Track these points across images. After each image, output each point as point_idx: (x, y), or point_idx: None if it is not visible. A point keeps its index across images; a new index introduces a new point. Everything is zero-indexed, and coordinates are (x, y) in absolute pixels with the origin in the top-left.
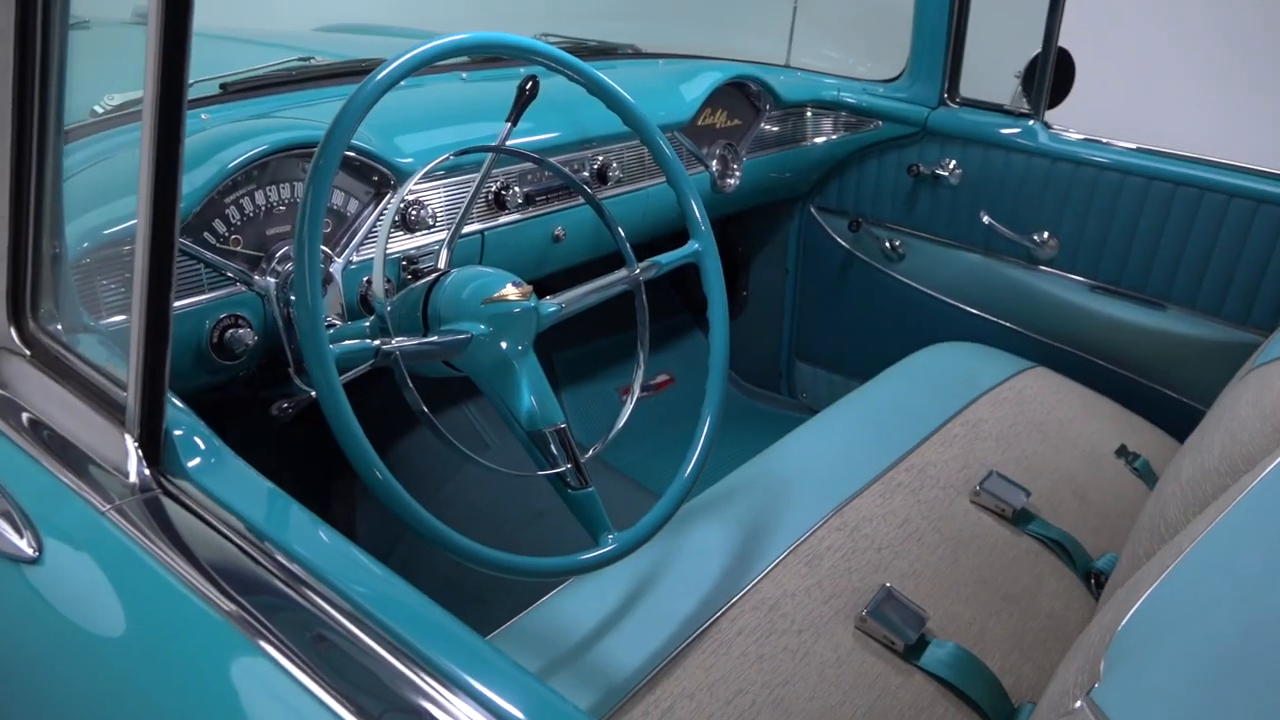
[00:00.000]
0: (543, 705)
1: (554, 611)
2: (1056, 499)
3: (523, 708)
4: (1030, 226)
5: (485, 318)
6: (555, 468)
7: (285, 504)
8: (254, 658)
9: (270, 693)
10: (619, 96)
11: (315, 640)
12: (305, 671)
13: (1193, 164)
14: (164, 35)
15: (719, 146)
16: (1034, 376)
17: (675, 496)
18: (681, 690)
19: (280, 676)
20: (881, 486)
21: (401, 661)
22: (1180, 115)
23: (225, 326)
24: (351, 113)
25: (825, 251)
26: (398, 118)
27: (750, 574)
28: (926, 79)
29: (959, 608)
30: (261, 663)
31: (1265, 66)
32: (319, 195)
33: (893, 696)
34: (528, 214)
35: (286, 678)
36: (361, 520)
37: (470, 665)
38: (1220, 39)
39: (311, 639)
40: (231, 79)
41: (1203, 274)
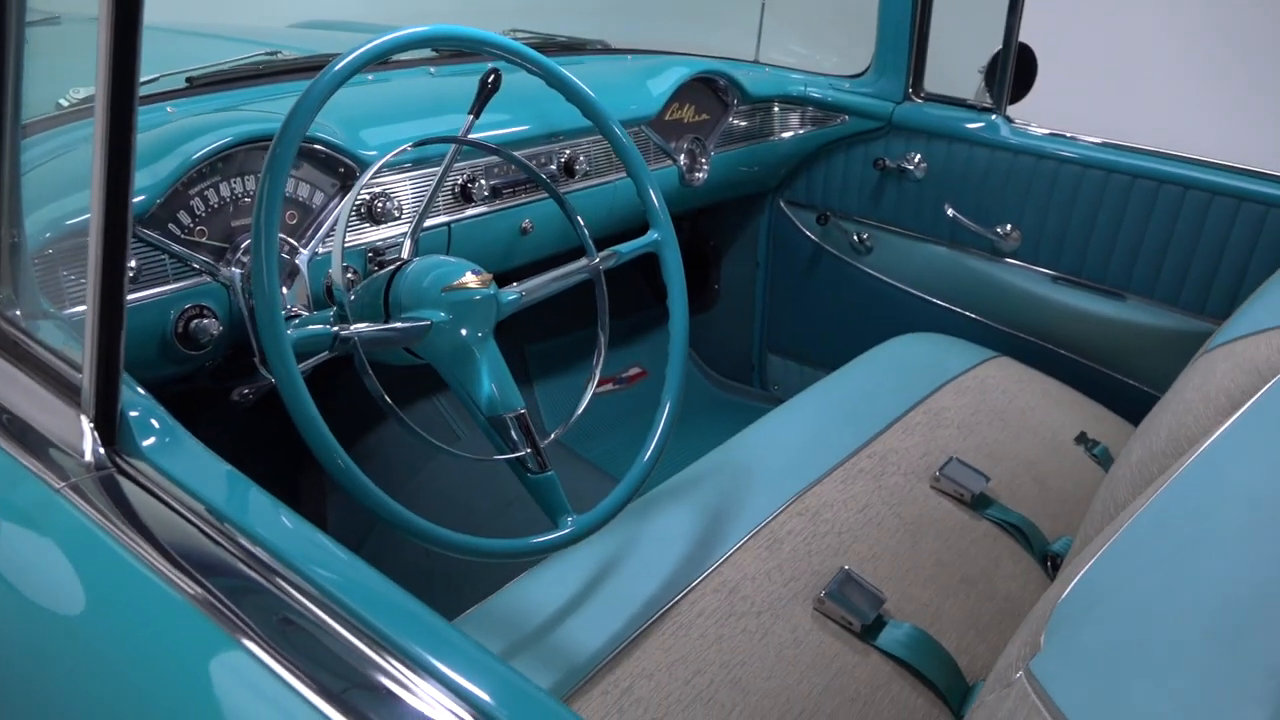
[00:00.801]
0: (505, 686)
1: (519, 595)
2: (1015, 484)
3: (485, 688)
4: (993, 219)
5: (445, 305)
6: (515, 452)
7: (245, 487)
8: (219, 640)
9: (236, 675)
10: (577, 88)
11: (282, 624)
12: (272, 655)
13: (1150, 157)
14: (114, 28)
15: (687, 141)
16: (997, 366)
17: (634, 481)
18: (641, 670)
19: (246, 659)
20: (843, 473)
21: (368, 645)
22: (1179, 114)
23: (190, 317)
24: (308, 104)
25: (795, 245)
26: (363, 111)
27: (711, 558)
28: (892, 74)
29: (916, 589)
30: (227, 645)
31: (1264, 66)
32: (275, 184)
33: (849, 675)
34: (495, 206)
35: (253, 661)
36: (332, 511)
37: (435, 648)
38: (1219, 38)
39: (278, 623)
40: (198, 73)
41: (1160, 265)
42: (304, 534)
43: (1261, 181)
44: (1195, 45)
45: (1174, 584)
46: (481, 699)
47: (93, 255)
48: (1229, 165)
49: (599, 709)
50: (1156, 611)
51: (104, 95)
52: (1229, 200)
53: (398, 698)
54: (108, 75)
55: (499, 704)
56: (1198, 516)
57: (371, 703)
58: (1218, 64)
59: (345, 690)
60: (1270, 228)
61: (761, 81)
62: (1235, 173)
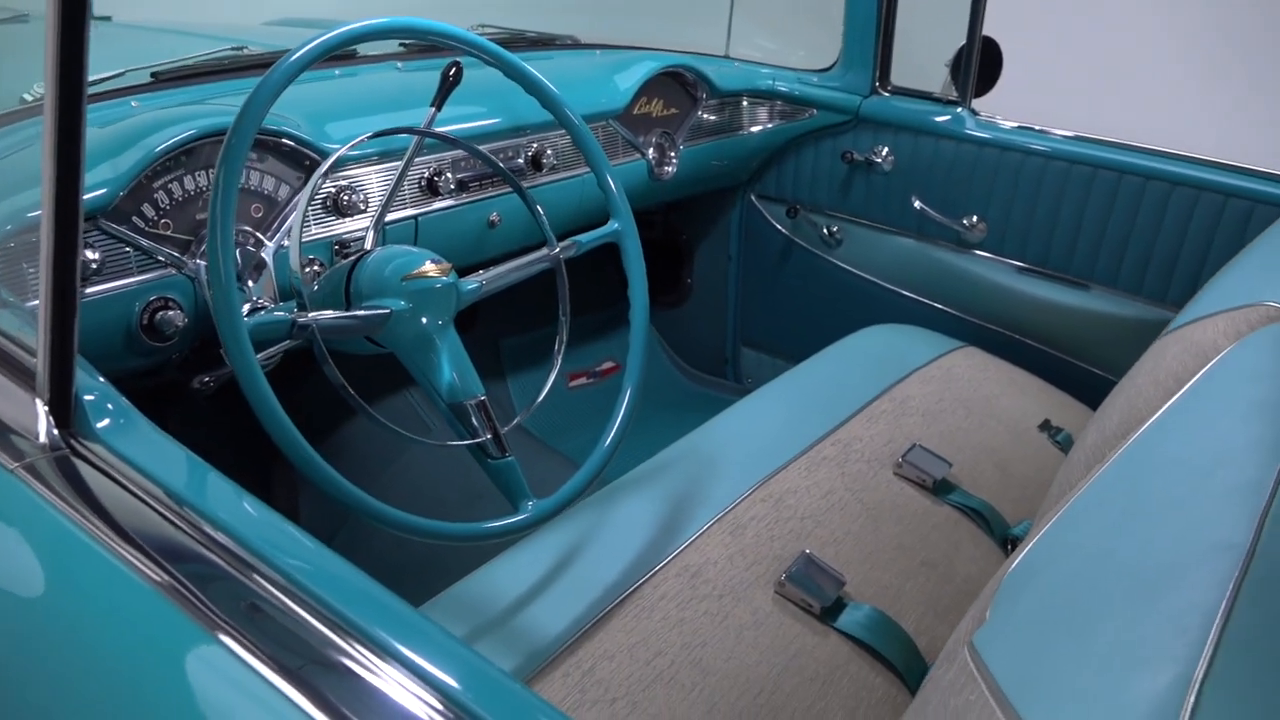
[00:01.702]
0: (468, 669)
1: (484, 581)
2: (978, 470)
3: (449, 672)
4: (960, 211)
5: (405, 294)
6: (475, 438)
7: (204, 471)
8: (180, 623)
9: (200, 659)
10: (535, 80)
11: (250, 610)
12: (237, 641)
13: (1112, 149)
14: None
15: (655, 135)
16: (964, 355)
17: (594, 467)
18: (603, 652)
19: (210, 644)
20: (807, 460)
21: (333, 630)
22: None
23: (155, 309)
24: (263, 94)
25: (766, 238)
26: (329, 106)
27: (675, 543)
28: (859, 68)
29: (877, 573)
30: (188, 628)
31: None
32: (231, 173)
33: (808, 656)
34: (462, 200)
35: (217, 645)
36: (304, 504)
37: (400, 633)
38: (1218, 37)
39: (245, 609)
40: (163, 68)
41: (1123, 254)
42: (267, 520)
43: (1219, 172)
44: (1194, 44)
45: (1105, 553)
46: (445, 682)
47: (44, 238)
48: (1188, 156)
49: (560, 690)
50: (1086, 578)
51: (53, 83)
52: (1189, 190)
53: (363, 682)
54: (55, 67)
55: (463, 687)
56: (1133, 490)
57: (337, 687)
58: (1217, 64)
59: (310, 674)
60: (1229, 216)
61: (730, 76)
62: (1194, 163)
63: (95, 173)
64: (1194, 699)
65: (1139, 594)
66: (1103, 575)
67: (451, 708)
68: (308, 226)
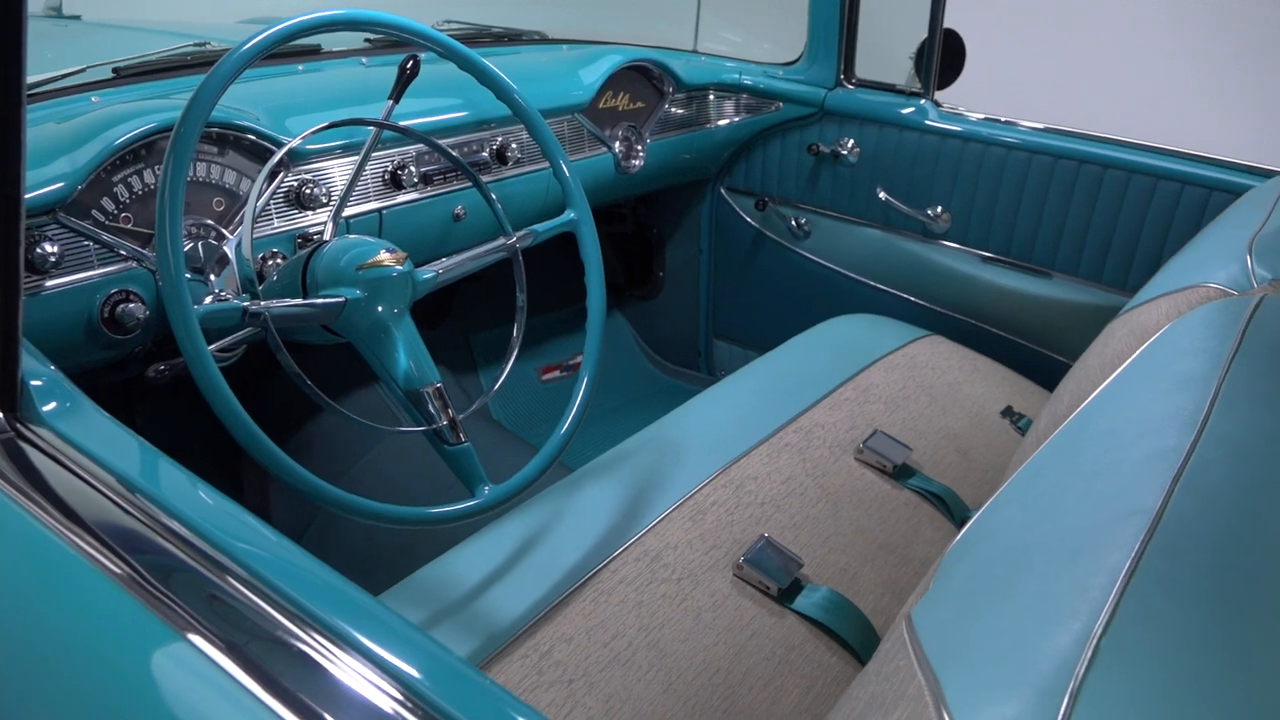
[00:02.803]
0: (422, 655)
1: (446, 567)
2: (939, 455)
3: (403, 658)
4: (924, 201)
5: (360, 283)
6: (432, 425)
7: (156, 458)
8: (136, 612)
9: (153, 644)
10: (486, 69)
11: (210, 600)
12: (194, 630)
13: (1070, 138)
14: None
15: (622, 129)
16: (928, 344)
17: (550, 452)
18: (561, 635)
19: (164, 630)
20: (769, 447)
21: (288, 618)
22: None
23: (116, 302)
24: (213, 83)
25: (736, 231)
26: (292, 101)
27: (636, 529)
28: (823, 61)
29: (835, 556)
30: (145, 618)
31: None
32: (180, 162)
33: (765, 636)
34: (426, 193)
35: (170, 632)
36: (275, 500)
37: (356, 620)
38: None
39: (206, 600)
40: (124, 63)
41: (1083, 242)
42: (224, 508)
43: (1175, 159)
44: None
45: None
46: (399, 668)
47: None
48: (1145, 145)
49: (518, 672)
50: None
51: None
52: (1145, 178)
53: (320, 669)
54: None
55: (418, 673)
56: (1065, 463)
57: (290, 673)
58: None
59: (258, 656)
60: (1185, 203)
61: (696, 70)
62: (1150, 151)
63: (53, 166)
64: (1090, 653)
65: (1057, 559)
66: (1029, 544)
67: (406, 693)
68: (270, 220)
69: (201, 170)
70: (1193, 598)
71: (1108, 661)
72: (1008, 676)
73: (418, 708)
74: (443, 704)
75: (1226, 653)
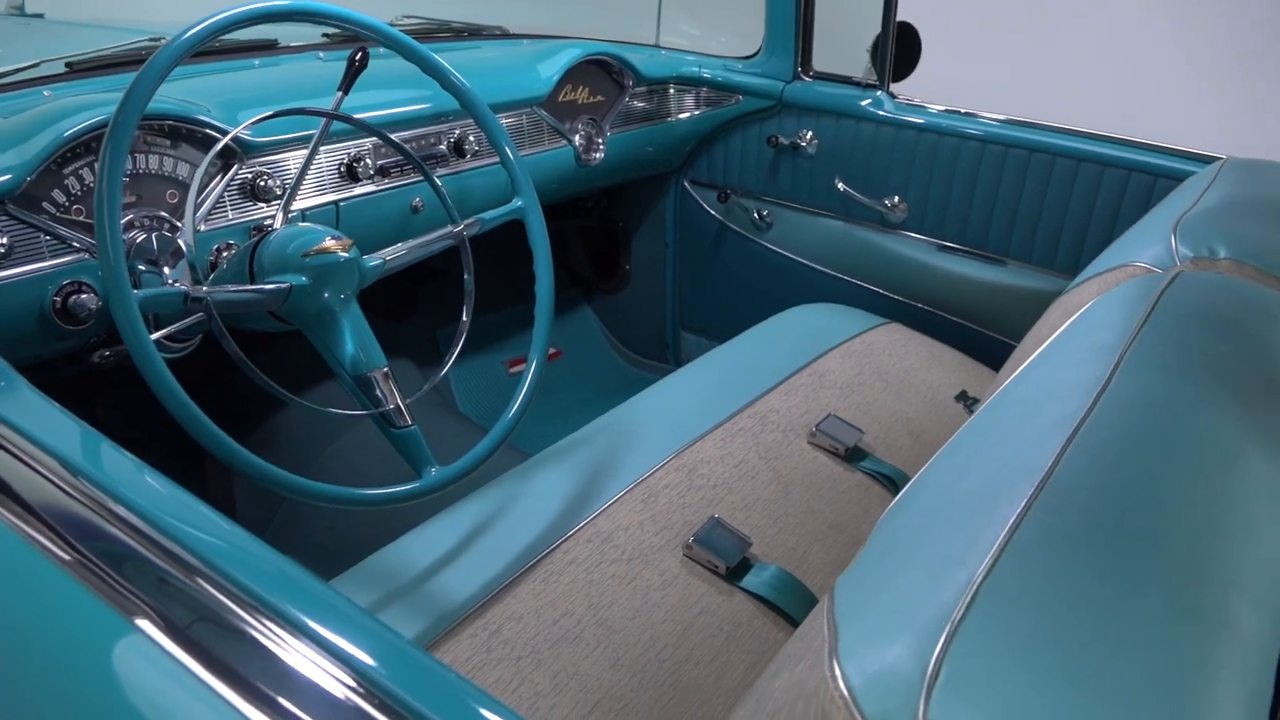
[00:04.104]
0: (367, 636)
1: (398, 552)
2: (891, 439)
3: (350, 640)
4: (881, 191)
5: (306, 269)
6: (379, 408)
7: (97, 441)
8: (81, 597)
9: (103, 634)
10: (430, 59)
11: (157, 584)
12: (142, 615)
13: (1021, 128)
14: None
15: (582, 122)
16: (886, 331)
17: (498, 435)
18: (510, 614)
19: (113, 619)
20: (723, 432)
21: (238, 604)
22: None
23: (69, 293)
24: (154, 68)
25: (700, 223)
26: (246, 94)
27: (588, 511)
28: (781, 54)
29: (784, 536)
30: (92, 603)
31: None
32: (118, 150)
33: (712, 614)
34: (383, 186)
35: (118, 617)
36: (239, 494)
37: (303, 603)
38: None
39: (154, 583)
40: (78, 58)
41: (1035, 230)
42: (171, 494)
43: (1122, 147)
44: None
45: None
46: (343, 650)
47: None
48: (1092, 133)
49: (466, 650)
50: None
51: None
52: (1094, 166)
53: (270, 653)
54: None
55: (364, 654)
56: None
57: (240, 658)
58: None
59: (211, 642)
60: (1132, 190)
61: (656, 63)
62: (1098, 140)
63: (2, 158)
64: (970, 598)
65: (956, 518)
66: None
67: (351, 674)
68: (224, 212)
69: (154, 163)
70: (1072, 547)
71: (986, 606)
72: (893, 624)
73: (363, 688)
74: (387, 684)
75: (1099, 597)
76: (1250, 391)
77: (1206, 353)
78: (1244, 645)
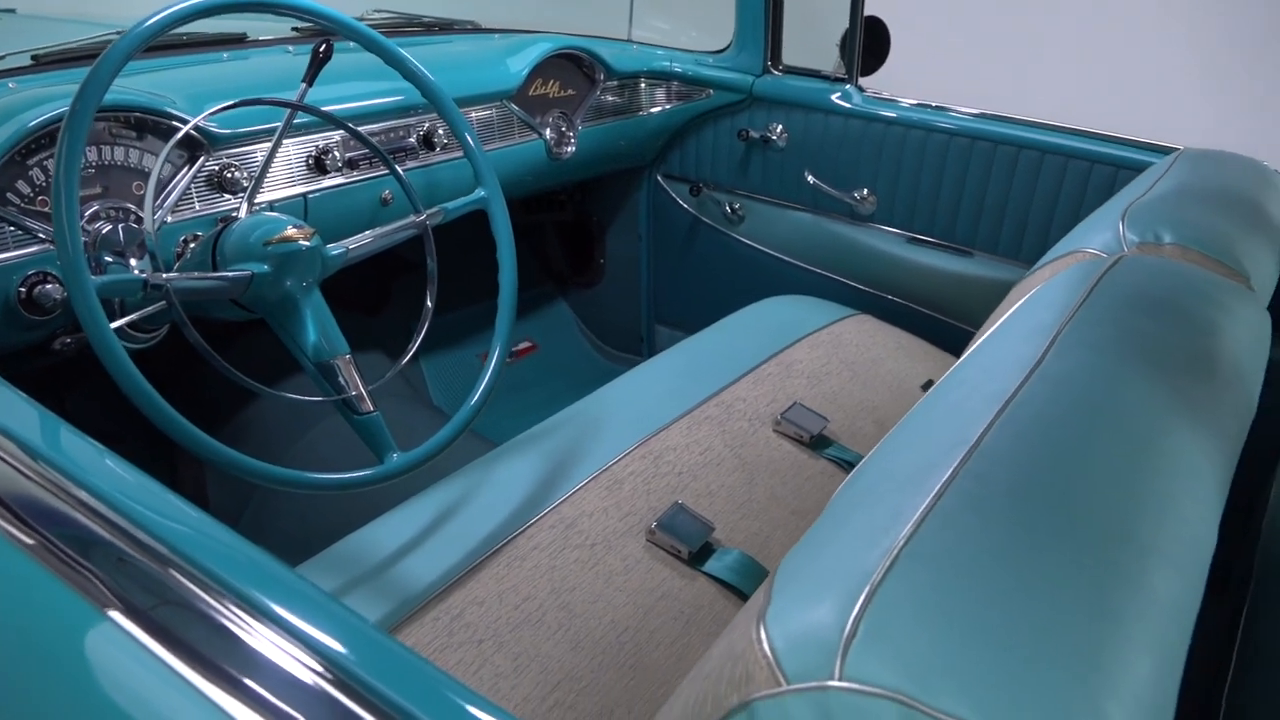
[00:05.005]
0: (328, 619)
1: (364, 538)
2: (855, 426)
3: (312, 623)
4: (851, 184)
5: (268, 258)
6: (340, 395)
7: (56, 425)
8: (46, 583)
9: (68, 620)
10: (390, 49)
11: (118, 564)
12: (108, 602)
13: (987, 120)
14: None
15: (553, 116)
16: (855, 322)
17: (460, 421)
18: (473, 598)
19: (76, 601)
20: (689, 420)
21: (200, 587)
22: None
23: (34, 283)
24: (112, 59)
25: (673, 217)
26: (213, 87)
27: (553, 498)
28: (751, 49)
29: (747, 521)
30: (57, 589)
31: None
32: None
33: (674, 598)
34: (352, 178)
35: (84, 603)
36: (211, 484)
37: (266, 587)
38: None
39: (115, 564)
40: (43, 50)
41: (1001, 222)
42: (134, 479)
43: (1084, 139)
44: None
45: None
46: (305, 632)
47: None
48: (1056, 125)
49: (428, 634)
50: (864, 485)
51: None
52: (1057, 158)
53: (234, 636)
54: None
55: (326, 637)
56: (926, 410)
57: (204, 640)
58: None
59: (175, 626)
60: (1094, 181)
61: (626, 58)
62: (1061, 132)
63: None
64: (890, 561)
65: (888, 490)
66: (874, 481)
67: (313, 657)
68: (191, 204)
69: (120, 155)
70: (992, 513)
71: (905, 568)
72: (818, 589)
73: (326, 671)
74: (348, 665)
75: (1016, 559)
76: (1179, 368)
77: (1139, 331)
78: (1158, 606)
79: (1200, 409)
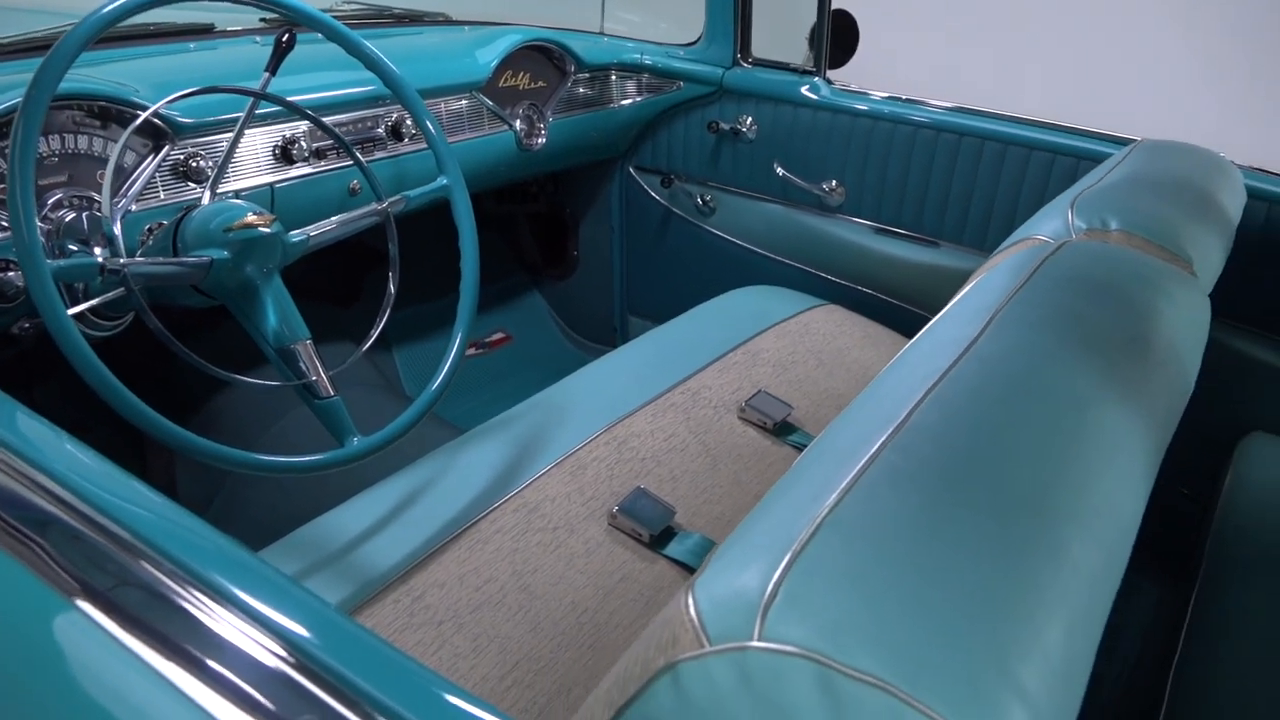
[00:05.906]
0: (288, 601)
1: (326, 524)
2: (820, 413)
3: (272, 605)
4: (819, 176)
5: (228, 244)
6: (301, 379)
7: (13, 409)
8: (9, 570)
9: (31, 606)
10: (350, 38)
11: (77, 547)
12: (72, 589)
13: (952, 113)
14: None
15: (523, 107)
16: (823, 312)
17: (422, 406)
18: (434, 581)
19: (42, 592)
20: (655, 407)
21: (160, 570)
22: None
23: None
24: (67, 46)
25: (646, 209)
26: (179, 77)
27: (517, 483)
28: (721, 41)
29: (710, 506)
30: (21, 576)
31: None
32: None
33: (634, 580)
34: (320, 168)
35: (50, 591)
36: (180, 474)
37: (226, 570)
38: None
39: (76, 548)
40: (2, 41)
41: (966, 212)
42: (95, 464)
43: (1047, 131)
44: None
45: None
46: (264, 614)
47: None
48: (1018, 118)
49: (389, 615)
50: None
51: None
52: (1020, 150)
53: (196, 621)
54: None
55: (285, 618)
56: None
57: (163, 622)
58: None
59: (137, 609)
60: (1057, 172)
61: (597, 50)
62: (1024, 124)
63: None
64: (813, 529)
65: (822, 465)
66: (814, 459)
67: (274, 638)
68: (156, 193)
69: (84, 143)
70: (914, 484)
71: (827, 535)
72: (745, 556)
73: (285, 652)
74: (307, 646)
75: (934, 527)
76: (1113, 347)
77: (1075, 312)
78: (1076, 575)
79: (1131, 386)
